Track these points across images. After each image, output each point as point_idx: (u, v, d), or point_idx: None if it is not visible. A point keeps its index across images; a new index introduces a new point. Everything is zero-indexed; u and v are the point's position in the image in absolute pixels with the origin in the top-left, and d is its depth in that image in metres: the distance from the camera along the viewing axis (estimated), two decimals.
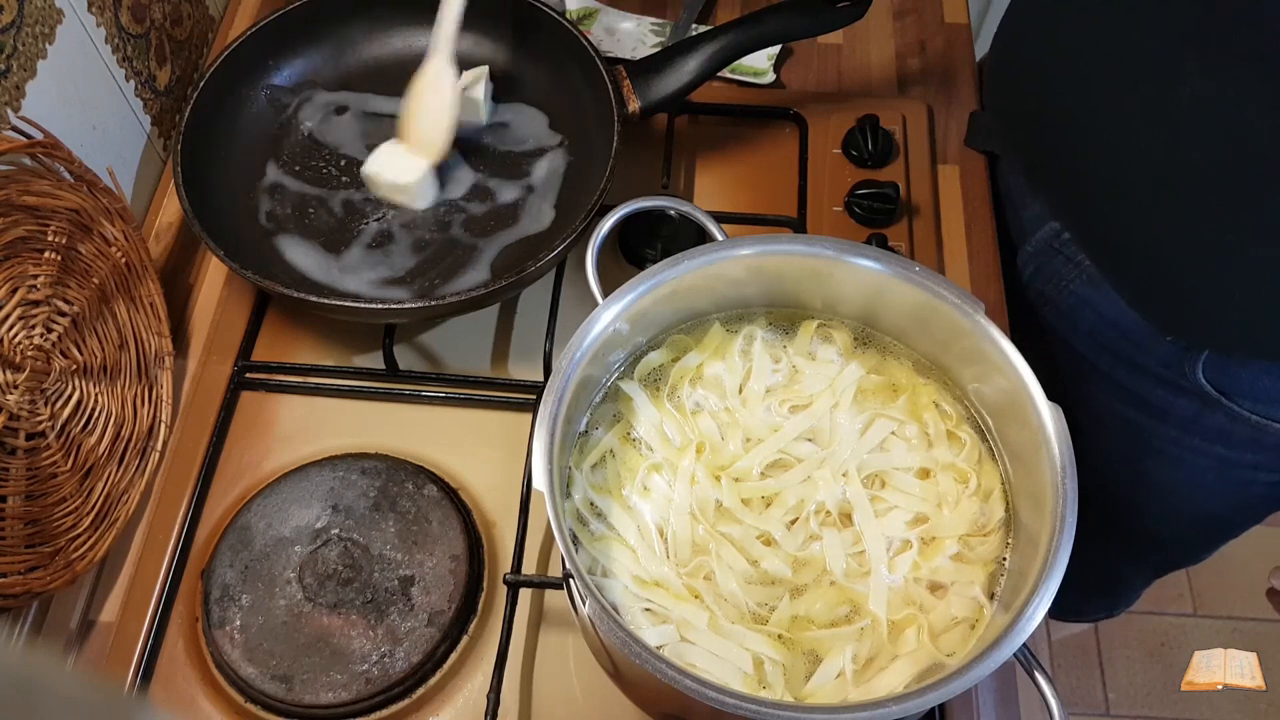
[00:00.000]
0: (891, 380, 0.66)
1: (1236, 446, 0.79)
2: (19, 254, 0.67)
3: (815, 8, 0.83)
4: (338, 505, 0.72)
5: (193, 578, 0.72)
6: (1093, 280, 0.78)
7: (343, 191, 0.83)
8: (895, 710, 0.50)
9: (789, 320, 0.68)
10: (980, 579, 0.59)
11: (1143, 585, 1.21)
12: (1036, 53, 0.79)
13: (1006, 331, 0.60)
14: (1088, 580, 1.15)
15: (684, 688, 0.49)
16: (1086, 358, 0.82)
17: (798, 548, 0.61)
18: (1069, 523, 0.54)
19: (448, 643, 0.69)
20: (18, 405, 0.65)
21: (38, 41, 0.72)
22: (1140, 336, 0.77)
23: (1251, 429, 0.76)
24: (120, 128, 0.83)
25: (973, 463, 0.63)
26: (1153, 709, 1.59)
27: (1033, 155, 0.84)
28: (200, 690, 0.68)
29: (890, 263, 0.62)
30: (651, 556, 0.60)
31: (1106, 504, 0.94)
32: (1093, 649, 1.64)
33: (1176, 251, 0.71)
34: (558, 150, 0.86)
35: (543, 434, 0.56)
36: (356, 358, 0.82)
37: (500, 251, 0.81)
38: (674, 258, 0.62)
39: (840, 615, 0.59)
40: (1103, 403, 0.84)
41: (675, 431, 0.64)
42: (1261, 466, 0.81)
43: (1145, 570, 1.16)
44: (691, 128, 0.94)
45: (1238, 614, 1.66)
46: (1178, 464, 0.84)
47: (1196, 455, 0.82)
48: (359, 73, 0.90)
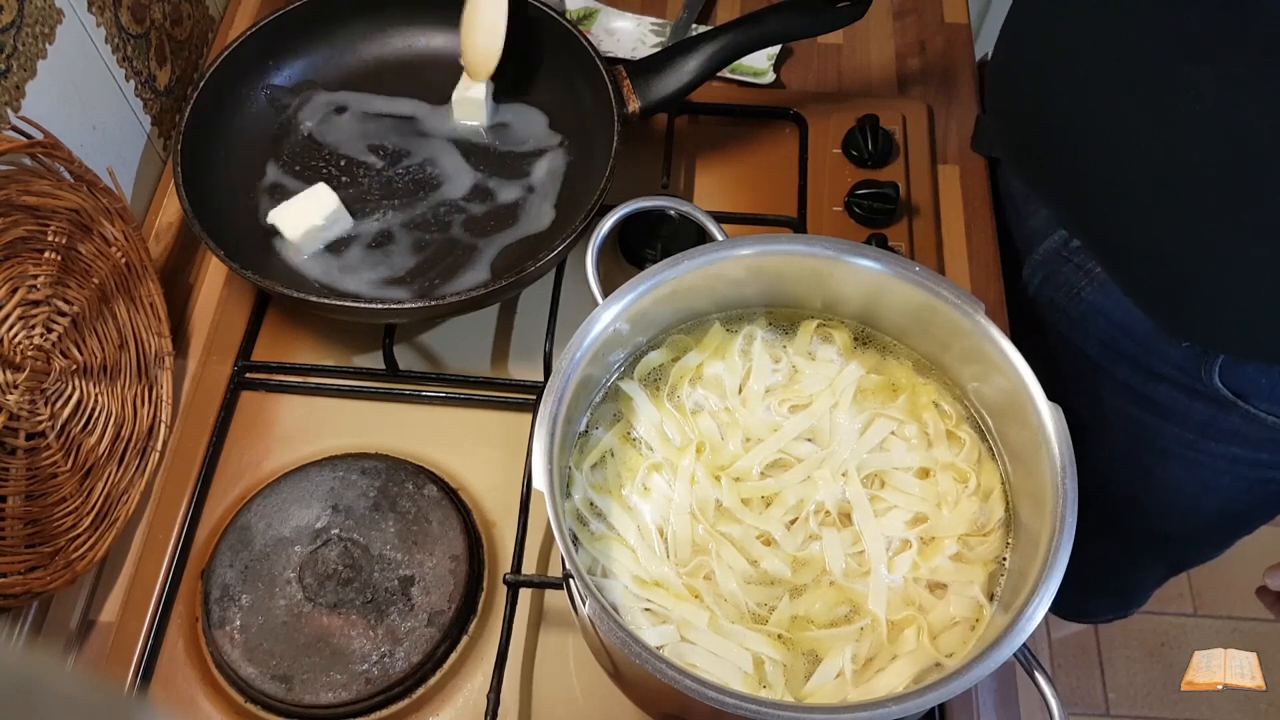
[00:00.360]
0: (891, 380, 0.66)
1: (1253, 447, 0.79)
2: (19, 254, 0.67)
3: (815, 8, 0.83)
4: (338, 505, 0.72)
5: (193, 578, 0.72)
6: (1104, 287, 0.78)
7: (343, 191, 0.83)
8: (895, 710, 0.50)
9: (789, 320, 0.68)
10: (980, 579, 0.59)
11: (1154, 585, 1.21)
12: (1035, 54, 0.79)
13: (1006, 331, 0.60)
14: (1097, 581, 1.15)
15: (684, 688, 0.49)
16: (1099, 363, 0.82)
17: (797, 548, 0.61)
18: (1069, 523, 0.54)
19: (448, 643, 0.69)
20: (18, 405, 0.65)
21: (38, 41, 0.72)
22: (1154, 342, 0.77)
23: (1268, 429, 0.76)
24: (120, 128, 0.83)
25: (972, 462, 0.63)
26: (1153, 709, 1.59)
27: (1034, 157, 0.84)
28: (200, 690, 0.68)
29: (890, 263, 0.62)
30: (651, 556, 0.60)
31: (1108, 504, 0.94)
32: (1093, 649, 1.64)
33: (1177, 252, 0.71)
34: (558, 150, 0.86)
35: (543, 434, 0.56)
36: (356, 358, 0.82)
37: (500, 251, 0.81)
38: (674, 258, 0.62)
39: (840, 615, 0.59)
40: (1110, 403, 0.84)
41: (675, 431, 0.64)
42: (1278, 465, 0.81)
43: (1157, 570, 1.16)
44: (691, 128, 0.94)
45: (1238, 614, 1.66)
46: (1192, 465, 0.84)
47: (1212, 458, 0.82)
48: (359, 73, 0.90)
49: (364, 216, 0.82)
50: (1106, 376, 0.83)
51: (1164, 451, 0.84)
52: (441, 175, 0.85)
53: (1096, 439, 0.84)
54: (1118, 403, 0.84)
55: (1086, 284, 0.80)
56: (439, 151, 0.86)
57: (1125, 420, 0.84)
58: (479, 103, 0.85)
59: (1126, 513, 0.96)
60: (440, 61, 0.89)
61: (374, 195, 0.84)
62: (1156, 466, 0.87)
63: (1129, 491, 0.93)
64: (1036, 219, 0.84)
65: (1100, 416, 0.85)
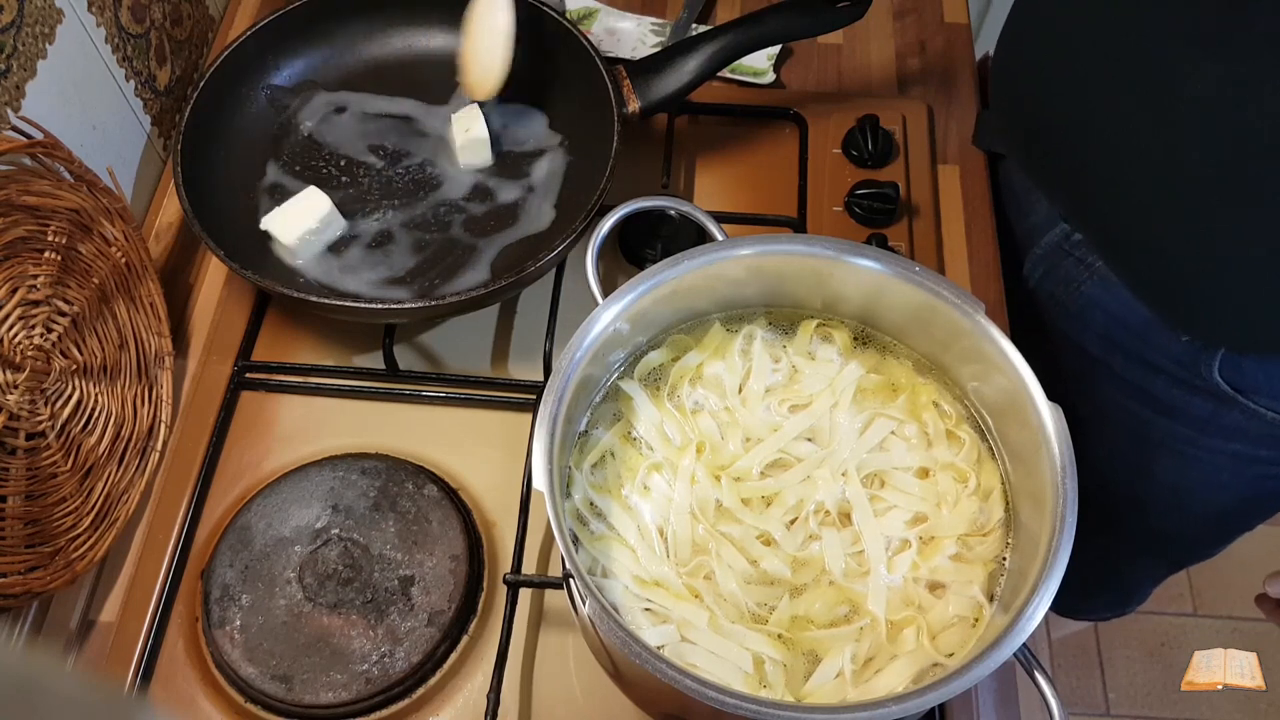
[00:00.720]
0: (891, 379, 0.66)
1: (1253, 443, 0.79)
2: (19, 254, 0.67)
3: (815, 8, 0.83)
4: (338, 505, 0.72)
5: (193, 578, 0.72)
6: (1104, 281, 0.78)
7: (342, 191, 0.83)
8: (895, 710, 0.50)
9: (789, 320, 0.68)
10: (980, 579, 0.59)
11: (1154, 582, 1.21)
12: (1036, 54, 0.79)
13: (1006, 331, 0.60)
14: (1096, 579, 1.15)
15: (684, 688, 0.49)
16: (1098, 358, 0.82)
17: (797, 548, 0.61)
18: (1069, 523, 0.54)
19: (448, 643, 0.69)
20: (18, 405, 0.65)
21: (38, 41, 0.72)
22: (1154, 336, 0.77)
23: (1268, 425, 0.76)
24: (120, 128, 0.83)
25: (972, 462, 0.63)
26: (1153, 709, 1.59)
27: (1035, 155, 0.84)
28: (200, 690, 0.68)
29: (890, 263, 0.62)
30: (651, 556, 0.60)
31: (1108, 503, 0.94)
32: (1093, 649, 1.64)
33: (1177, 249, 0.71)
34: (558, 150, 0.86)
35: (543, 434, 0.56)
36: (356, 358, 0.82)
37: (500, 251, 0.81)
38: (674, 258, 0.62)
39: (839, 615, 0.59)
40: (1110, 400, 0.84)
41: (675, 431, 0.64)
42: (1278, 462, 0.81)
43: (1157, 568, 1.16)
44: (691, 128, 0.94)
45: (1238, 614, 1.65)
46: (1191, 462, 0.84)
47: (1212, 454, 0.82)
48: (359, 73, 0.90)
49: (364, 216, 0.82)
50: (1105, 371, 0.83)
51: (1163, 447, 0.84)
52: (441, 175, 0.85)
53: (1095, 435, 0.84)
54: (1117, 398, 0.84)
55: (1087, 278, 0.80)
56: (439, 151, 0.86)
57: (1124, 415, 0.84)
58: (484, 142, 0.83)
59: (1126, 510, 0.96)
60: (440, 61, 0.89)
61: (374, 195, 0.84)
62: (1155, 463, 0.87)
63: (1128, 489, 0.93)
64: (1038, 214, 0.84)
65: (1099, 412, 0.85)
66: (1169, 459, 0.85)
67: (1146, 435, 0.84)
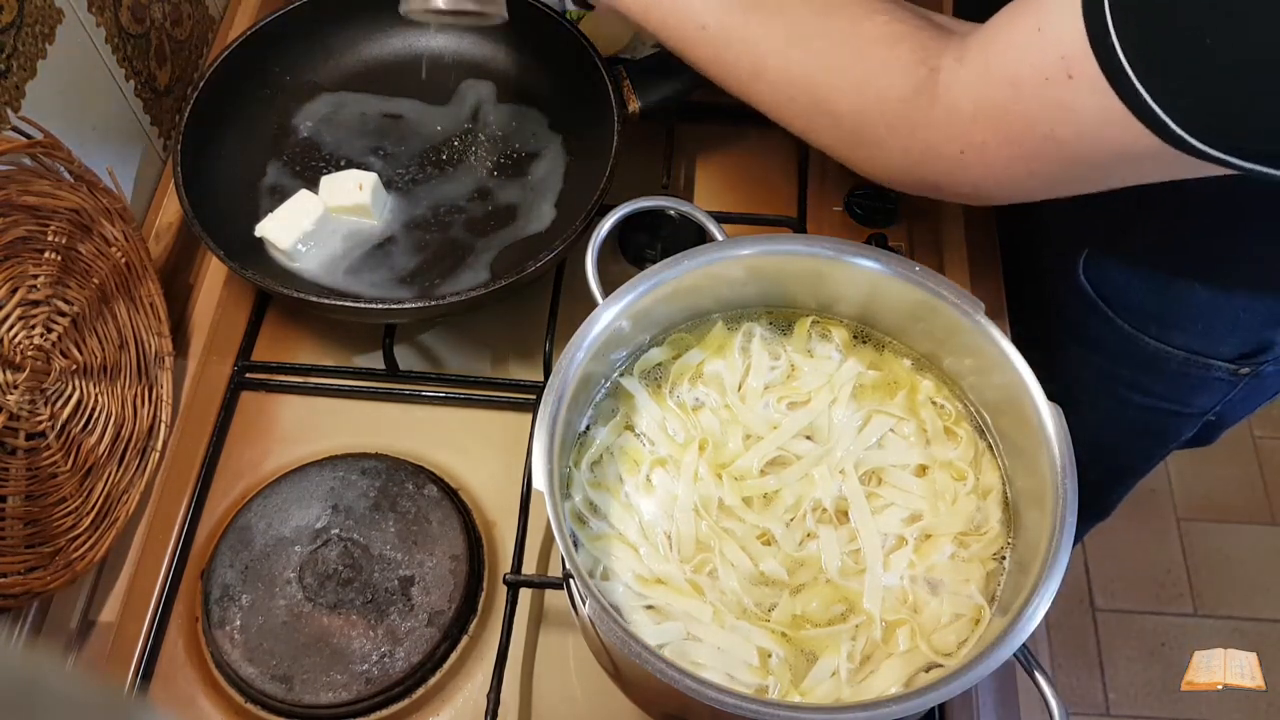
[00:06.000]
0: (890, 376, 0.66)
1: (1112, 358, 0.79)
2: (19, 254, 0.67)
3: None
4: (338, 505, 0.72)
5: (193, 578, 0.72)
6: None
7: None
8: (895, 710, 0.50)
9: (789, 320, 0.68)
10: (977, 578, 0.59)
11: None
12: None
13: (1006, 331, 0.60)
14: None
15: (684, 688, 0.49)
16: (1007, 247, 0.83)
17: (795, 546, 0.61)
18: (1069, 523, 0.54)
19: (448, 643, 0.69)
20: (18, 405, 0.65)
21: (38, 41, 0.72)
22: (1049, 222, 0.76)
23: (1124, 340, 0.76)
24: (120, 128, 0.83)
25: (969, 460, 0.63)
26: (1153, 709, 1.59)
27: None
28: (200, 690, 0.68)
29: (890, 263, 0.62)
30: (654, 553, 0.60)
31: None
32: (1093, 649, 1.64)
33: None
34: (558, 150, 0.86)
35: (543, 434, 0.56)
36: (356, 358, 0.82)
37: (500, 251, 0.81)
38: (674, 258, 0.62)
39: (836, 614, 0.59)
40: (1015, 287, 0.84)
41: (678, 428, 0.64)
42: (1136, 386, 0.81)
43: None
44: (692, 128, 0.94)
45: (1238, 614, 1.65)
46: (1059, 373, 0.83)
47: (1081, 366, 0.82)
48: (359, 73, 0.90)
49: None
50: (1011, 259, 0.83)
51: (1034, 343, 0.85)
52: (442, 176, 0.85)
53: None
54: (1020, 285, 0.83)
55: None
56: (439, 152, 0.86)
57: (1020, 305, 0.84)
58: (365, 207, 0.79)
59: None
60: (440, 61, 0.89)
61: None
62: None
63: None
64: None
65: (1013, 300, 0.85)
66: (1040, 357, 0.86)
67: (1031, 324, 0.83)
